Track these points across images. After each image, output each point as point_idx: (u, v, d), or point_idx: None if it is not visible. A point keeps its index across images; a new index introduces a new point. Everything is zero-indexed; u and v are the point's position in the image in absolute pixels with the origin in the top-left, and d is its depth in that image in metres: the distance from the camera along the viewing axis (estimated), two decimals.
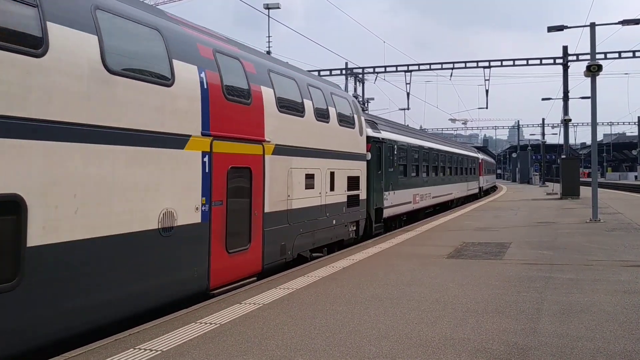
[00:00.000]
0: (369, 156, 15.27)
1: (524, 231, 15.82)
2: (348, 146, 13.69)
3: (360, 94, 47.69)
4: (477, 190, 39.01)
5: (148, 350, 5.44)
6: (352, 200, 13.83)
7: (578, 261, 10.41)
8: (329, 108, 12.63)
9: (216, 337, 5.86)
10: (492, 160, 58.15)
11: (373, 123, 17.14)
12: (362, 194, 14.68)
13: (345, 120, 13.69)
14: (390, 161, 17.78)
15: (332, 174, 12.48)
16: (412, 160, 20.99)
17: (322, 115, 12.16)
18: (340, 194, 13.06)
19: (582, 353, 5.21)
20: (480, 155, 43.53)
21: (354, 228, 14.28)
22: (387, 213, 17.06)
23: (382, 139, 16.96)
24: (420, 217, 22.13)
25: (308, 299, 7.60)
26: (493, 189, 52.35)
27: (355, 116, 14.62)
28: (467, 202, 33.32)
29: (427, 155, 23.42)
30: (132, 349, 5.49)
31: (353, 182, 13.90)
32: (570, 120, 38.75)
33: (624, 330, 5.93)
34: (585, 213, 20.29)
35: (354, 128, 14.25)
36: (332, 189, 12.46)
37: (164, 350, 5.46)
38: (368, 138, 15.44)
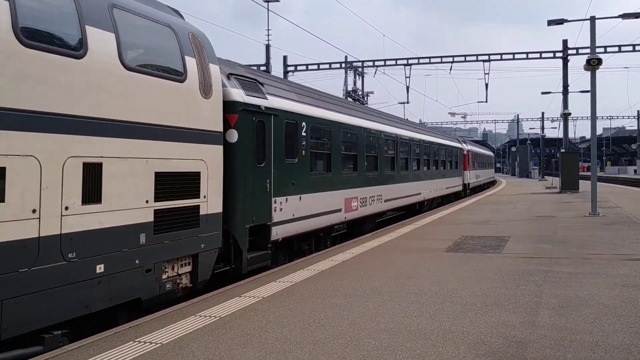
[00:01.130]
0: (233, 137, 9.23)
1: (523, 225, 15.84)
2: (160, 114, 7.41)
3: (360, 88, 47.77)
4: (460, 188, 32.18)
5: (148, 343, 5.46)
6: (176, 219, 7.64)
7: (577, 255, 10.43)
8: (90, 30, 6.31)
9: (216, 330, 5.88)
10: (489, 153, 56.97)
11: (252, 82, 10.28)
12: (213, 204, 8.47)
13: (156, 65, 7.53)
14: (292, 147, 11.37)
15: (92, 167, 6.27)
16: (345, 147, 14.37)
17: (51, 40, 5.87)
18: (129, 209, 6.78)
19: (580, 346, 5.23)
20: (467, 146, 36.49)
21: (187, 269, 8.00)
22: (280, 232, 10.60)
23: (268, 108, 10.30)
24: (367, 228, 16.30)
25: (308, 292, 7.62)
26: (491, 184, 51.59)
27: (192, 61, 8.18)
28: (448, 202, 27.74)
29: (374, 141, 16.73)
30: (131, 342, 5.51)
31: (179, 184, 7.74)
32: (569, 114, 38.82)
33: (622, 323, 5.95)
34: (585, 207, 20.32)
35: (182, 81, 7.88)
36: (92, 199, 6.23)
37: (164, 342, 5.47)
38: (231, 104, 9.20)
